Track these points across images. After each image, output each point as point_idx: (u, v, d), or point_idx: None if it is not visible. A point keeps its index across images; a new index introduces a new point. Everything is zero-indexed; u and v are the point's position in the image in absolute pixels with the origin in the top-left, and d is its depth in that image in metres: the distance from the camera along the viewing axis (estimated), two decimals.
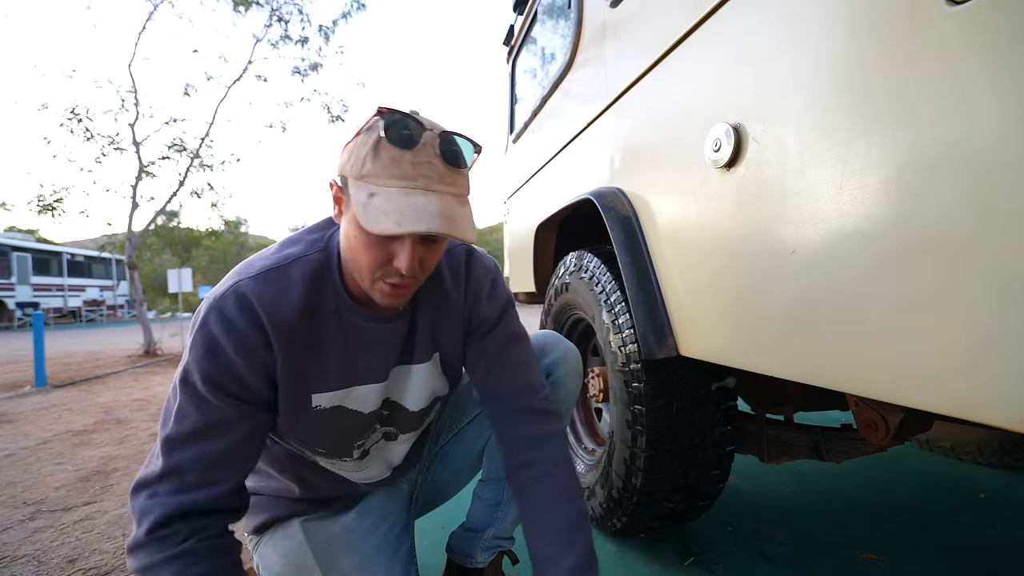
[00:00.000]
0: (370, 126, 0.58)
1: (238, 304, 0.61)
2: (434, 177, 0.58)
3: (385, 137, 0.57)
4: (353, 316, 0.69)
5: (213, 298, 0.62)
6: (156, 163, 6.41)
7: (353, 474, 0.83)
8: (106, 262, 19.32)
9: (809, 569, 1.11)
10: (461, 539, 1.01)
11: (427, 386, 0.80)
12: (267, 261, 0.66)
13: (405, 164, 0.57)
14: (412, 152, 0.57)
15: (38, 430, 2.69)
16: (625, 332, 1.05)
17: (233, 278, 0.64)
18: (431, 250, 0.63)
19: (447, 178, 0.59)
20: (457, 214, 0.58)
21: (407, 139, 0.57)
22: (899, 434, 0.78)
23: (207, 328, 0.61)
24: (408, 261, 0.59)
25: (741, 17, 0.73)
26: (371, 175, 0.57)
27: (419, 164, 0.57)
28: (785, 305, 0.64)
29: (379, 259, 0.60)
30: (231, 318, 0.61)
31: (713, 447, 1.04)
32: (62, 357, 6.31)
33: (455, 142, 0.61)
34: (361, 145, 0.58)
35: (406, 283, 0.62)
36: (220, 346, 0.60)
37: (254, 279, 0.63)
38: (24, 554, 1.32)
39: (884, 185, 0.50)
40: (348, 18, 7.14)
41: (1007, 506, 1.38)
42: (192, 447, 0.61)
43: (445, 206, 0.57)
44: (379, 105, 0.59)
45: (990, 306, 0.41)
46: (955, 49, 0.43)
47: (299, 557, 0.81)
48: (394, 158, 0.57)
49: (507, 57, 2.53)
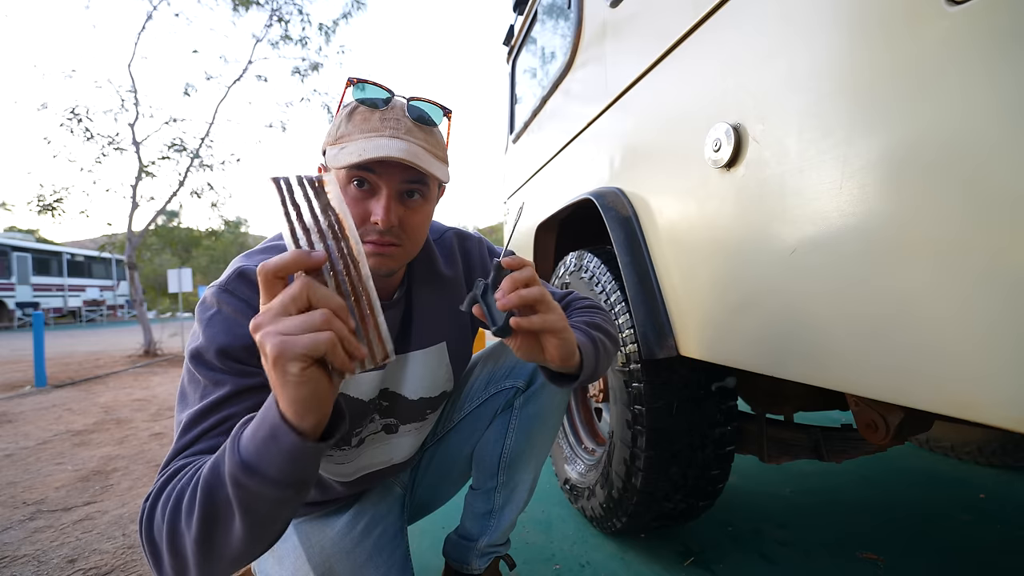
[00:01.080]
0: (346, 102, 0.64)
1: (243, 281, 0.62)
2: (402, 128, 0.61)
3: (356, 100, 0.62)
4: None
5: (216, 285, 0.63)
6: (156, 163, 6.42)
7: (347, 466, 0.81)
8: (106, 262, 19.32)
9: (809, 569, 1.11)
10: (456, 546, 1.01)
11: (428, 375, 0.80)
12: (263, 247, 0.69)
13: (375, 120, 0.61)
14: (381, 111, 0.62)
15: (38, 430, 2.69)
16: (625, 332, 1.05)
17: (233, 265, 0.65)
18: (411, 209, 0.64)
19: (416, 132, 0.62)
20: (424, 157, 0.60)
21: (376, 100, 0.62)
22: (899, 434, 0.78)
23: (216, 308, 0.60)
24: (383, 211, 0.59)
25: (741, 17, 0.73)
26: (344, 135, 0.61)
27: (387, 120, 0.61)
28: (785, 305, 0.64)
29: (357, 216, 0.61)
30: (238, 293, 0.61)
31: (713, 447, 1.04)
32: (62, 357, 6.30)
33: (422, 105, 0.64)
34: (338, 118, 0.64)
35: (386, 240, 0.62)
36: (230, 319, 0.60)
37: (253, 260, 0.65)
38: (24, 554, 1.32)
39: (884, 185, 0.50)
40: (348, 18, 7.15)
41: (1007, 506, 1.38)
42: (219, 412, 0.56)
43: (411, 147, 0.59)
44: (349, 76, 0.63)
45: (990, 306, 0.41)
46: (955, 49, 0.43)
47: (294, 560, 0.80)
48: (365, 117, 0.61)
49: (507, 57, 2.53)
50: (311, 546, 0.81)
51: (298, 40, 6.74)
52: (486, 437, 0.93)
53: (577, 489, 1.34)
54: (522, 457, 0.92)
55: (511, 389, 0.91)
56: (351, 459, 0.82)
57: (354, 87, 0.62)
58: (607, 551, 1.21)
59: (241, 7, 6.34)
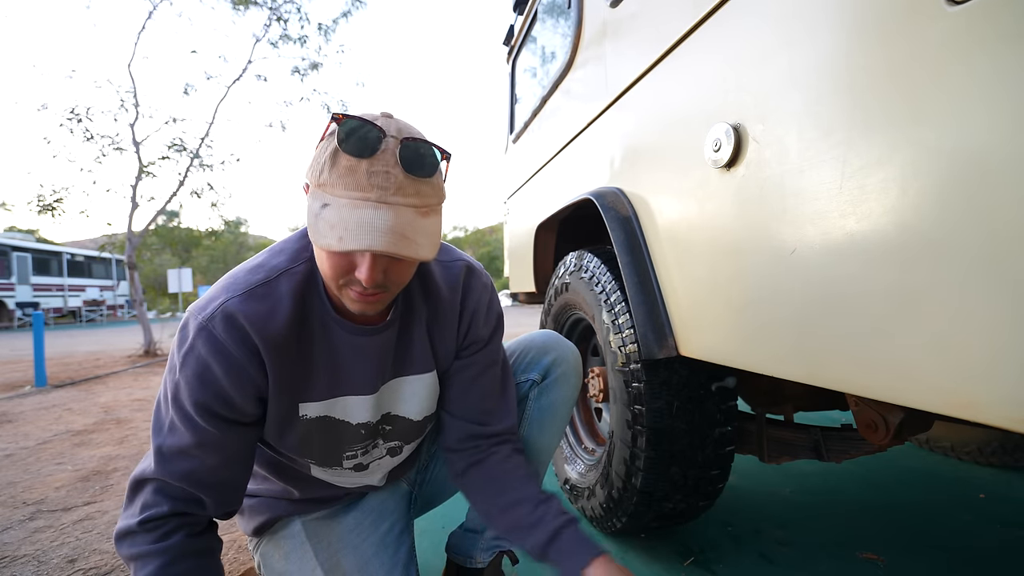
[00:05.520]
0: (331, 131, 0.56)
1: (227, 325, 0.60)
2: (390, 188, 0.54)
3: (340, 146, 0.54)
4: (336, 327, 0.68)
5: (201, 318, 0.61)
6: (156, 163, 6.41)
7: (348, 480, 0.83)
8: (106, 262, 19.34)
9: (809, 569, 1.11)
10: (460, 539, 1.01)
11: (429, 396, 0.80)
12: (254, 276, 0.64)
13: (360, 174, 0.54)
14: (369, 161, 0.54)
15: (38, 430, 2.69)
16: (625, 332, 1.05)
17: (220, 296, 0.62)
18: (397, 262, 0.59)
19: (406, 188, 0.55)
20: (412, 229, 0.55)
21: (363, 147, 0.54)
22: (899, 434, 0.78)
23: (196, 351, 0.60)
24: (367, 274, 0.56)
25: (741, 17, 0.73)
26: (327, 184, 0.55)
27: (375, 174, 0.54)
28: (785, 305, 0.64)
29: (341, 268, 0.58)
30: (221, 340, 0.60)
31: (713, 447, 1.04)
32: (62, 357, 6.31)
33: (418, 149, 0.57)
34: (322, 151, 0.56)
35: (372, 292, 0.60)
36: (210, 369, 0.60)
37: (242, 298, 0.61)
38: (24, 554, 1.32)
39: (884, 185, 0.50)
40: (348, 16, 7.14)
41: (1007, 506, 1.38)
42: (184, 460, 0.62)
43: (398, 221, 0.54)
44: (334, 112, 0.57)
45: (990, 306, 0.41)
46: (955, 49, 0.43)
47: (301, 556, 0.81)
48: (350, 167, 0.54)
49: (507, 57, 2.53)
50: (318, 541, 0.82)
51: (297, 39, 6.73)
52: None
53: (577, 489, 1.34)
54: (534, 448, 0.92)
55: (527, 382, 0.92)
56: (356, 480, 0.84)
57: (340, 126, 0.54)
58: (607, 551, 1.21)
59: (240, 7, 6.34)
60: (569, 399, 0.94)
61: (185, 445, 0.62)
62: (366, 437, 0.77)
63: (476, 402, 0.81)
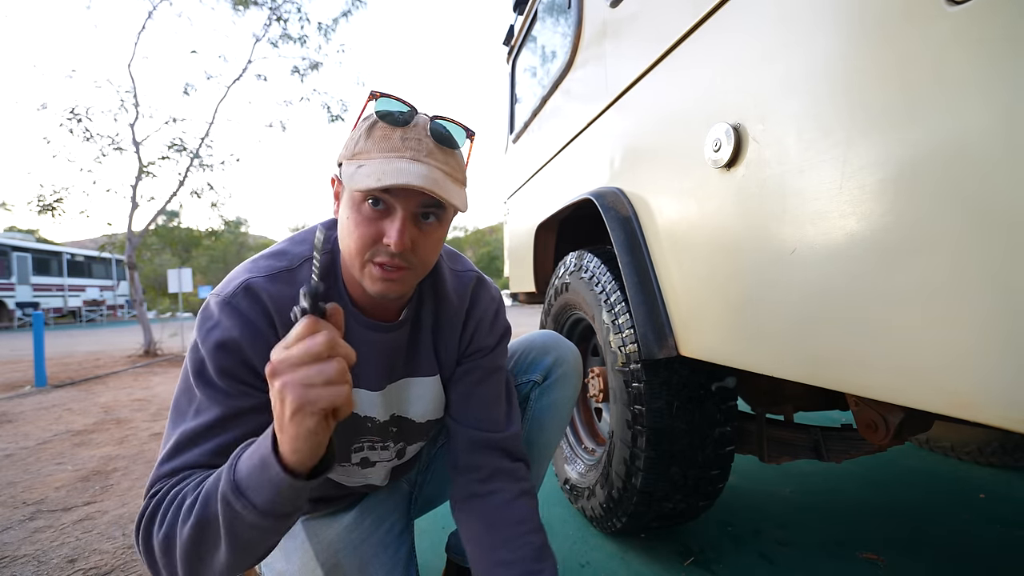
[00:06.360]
0: (366, 115, 0.61)
1: (250, 299, 0.62)
2: (423, 151, 0.59)
3: (377, 116, 0.59)
4: (351, 320, 0.69)
5: (224, 294, 0.62)
6: (156, 163, 6.41)
7: (352, 477, 0.83)
8: (106, 262, 19.34)
9: (809, 569, 1.11)
10: (460, 539, 1.01)
11: (434, 399, 0.80)
12: (278, 261, 0.66)
13: (395, 139, 0.58)
14: (403, 129, 0.59)
15: (38, 430, 2.69)
16: (625, 332, 1.05)
17: (242, 275, 0.64)
18: (424, 232, 0.61)
19: (436, 155, 0.60)
20: (445, 183, 0.58)
21: (398, 118, 0.59)
22: (899, 434, 0.78)
23: (221, 324, 0.60)
24: (397, 234, 0.57)
25: (741, 17, 0.73)
26: (362, 151, 0.59)
27: (408, 139, 0.59)
28: (785, 305, 0.64)
29: (369, 236, 0.59)
30: (244, 311, 0.61)
31: (713, 447, 1.04)
32: (62, 357, 6.31)
33: (446, 125, 0.62)
34: (356, 131, 0.61)
35: (396, 264, 0.60)
36: (233, 338, 0.60)
37: (265, 278, 0.63)
38: (24, 554, 1.32)
39: (884, 185, 0.50)
40: (348, 16, 7.14)
41: (1007, 506, 1.38)
42: (210, 439, 0.59)
43: (431, 172, 0.57)
44: (372, 89, 0.61)
45: (990, 306, 0.41)
46: (955, 49, 0.43)
47: (302, 556, 0.81)
48: (385, 135, 0.59)
49: (507, 57, 2.53)
50: (318, 541, 0.82)
51: (297, 39, 6.73)
52: None
53: (577, 489, 1.34)
54: (535, 447, 0.92)
55: (528, 383, 0.93)
56: (361, 479, 0.83)
57: (376, 101, 0.60)
58: (607, 551, 1.21)
59: (240, 7, 6.34)
60: (570, 399, 0.94)
61: (212, 421, 0.58)
62: (373, 432, 0.77)
63: (479, 407, 0.80)
